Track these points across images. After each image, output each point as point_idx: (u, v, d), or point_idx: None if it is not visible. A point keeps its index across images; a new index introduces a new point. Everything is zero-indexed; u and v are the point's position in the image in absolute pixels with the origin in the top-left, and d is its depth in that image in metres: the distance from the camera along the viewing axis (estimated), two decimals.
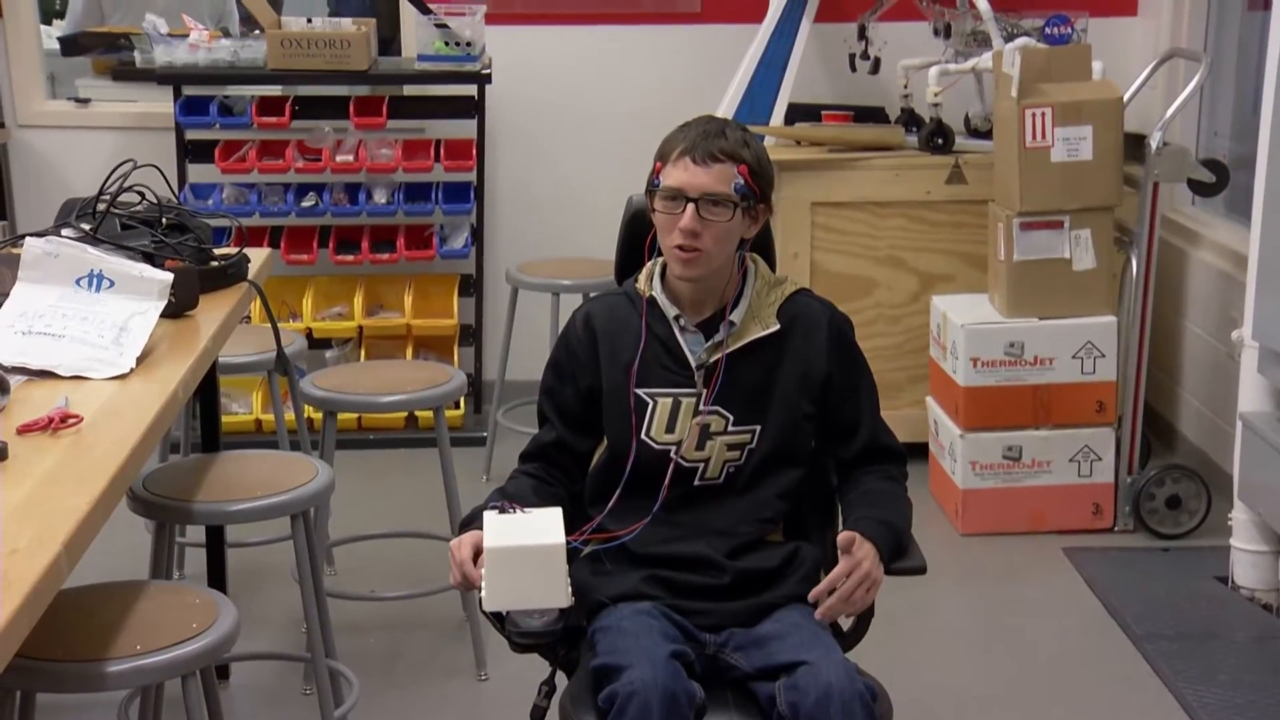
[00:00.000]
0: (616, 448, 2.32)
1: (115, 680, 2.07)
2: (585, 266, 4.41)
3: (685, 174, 2.24)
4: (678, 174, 2.25)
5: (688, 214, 2.23)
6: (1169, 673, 3.33)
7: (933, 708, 3.23)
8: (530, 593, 2.05)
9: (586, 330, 2.38)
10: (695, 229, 2.23)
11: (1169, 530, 4.06)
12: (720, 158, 2.24)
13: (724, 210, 2.24)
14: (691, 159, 2.24)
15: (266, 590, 3.71)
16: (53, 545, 1.71)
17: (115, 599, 2.27)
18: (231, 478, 2.80)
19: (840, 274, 4.40)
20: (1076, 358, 4.03)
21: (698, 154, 2.24)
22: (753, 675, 2.20)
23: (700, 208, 2.23)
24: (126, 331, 2.40)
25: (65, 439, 2.05)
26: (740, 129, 2.31)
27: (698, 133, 2.27)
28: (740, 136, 2.28)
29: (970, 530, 4.09)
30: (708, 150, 2.24)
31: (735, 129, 2.29)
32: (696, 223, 2.23)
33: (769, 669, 2.17)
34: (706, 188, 2.24)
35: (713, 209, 2.24)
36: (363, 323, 4.86)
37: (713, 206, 2.24)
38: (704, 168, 2.24)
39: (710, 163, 2.24)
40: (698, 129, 2.28)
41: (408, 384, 3.41)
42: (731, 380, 2.31)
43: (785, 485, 2.33)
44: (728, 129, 2.28)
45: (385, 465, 4.49)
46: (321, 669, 2.83)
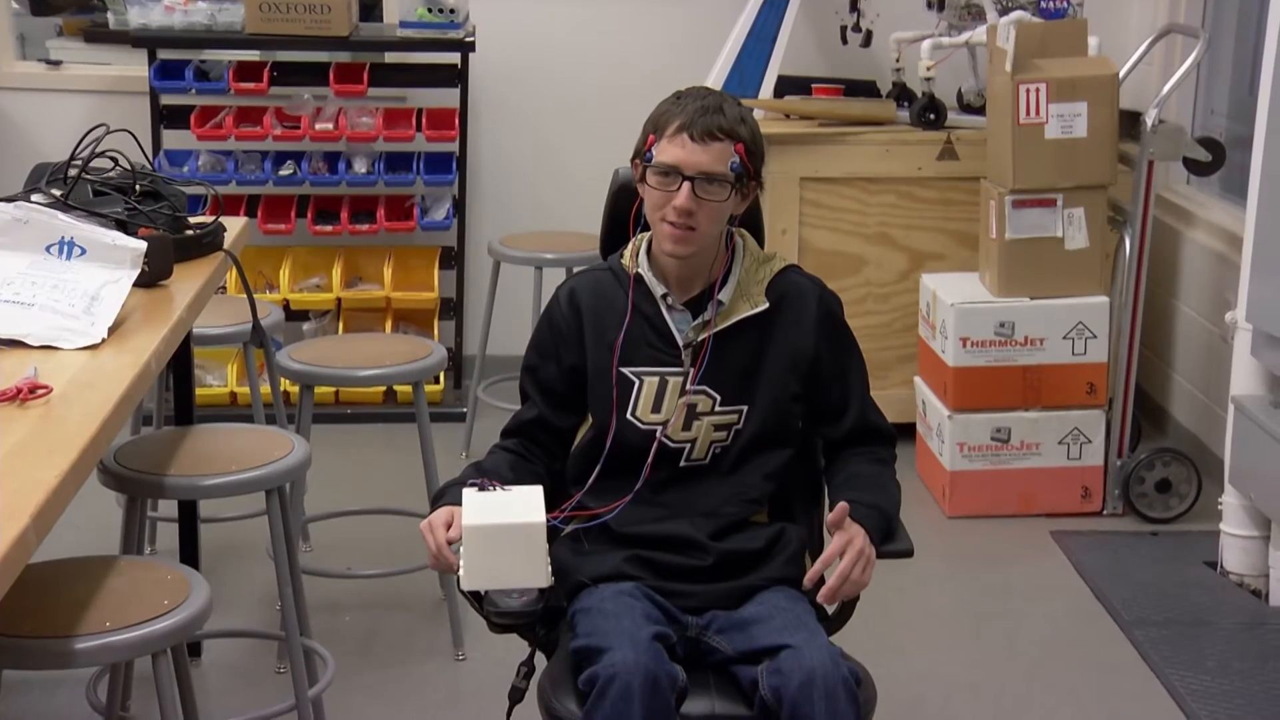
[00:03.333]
0: (601, 427, 2.28)
1: (84, 657, 2.03)
2: (569, 240, 4.34)
3: (682, 151, 2.19)
4: (674, 150, 2.19)
5: (683, 193, 2.18)
6: (1157, 659, 3.30)
7: (919, 692, 3.19)
8: (509, 572, 2.01)
9: (571, 307, 2.33)
10: (691, 208, 2.19)
11: (1158, 514, 4.03)
12: (719, 136, 2.19)
13: (720, 190, 2.20)
14: (689, 136, 2.19)
15: (240, 567, 3.64)
16: (20, 518, 1.67)
17: (85, 574, 2.22)
18: (205, 451, 2.73)
19: (829, 251, 4.35)
20: (1067, 338, 3.98)
21: (696, 131, 2.18)
22: (735, 658, 2.17)
23: (696, 187, 2.19)
24: (98, 301, 2.34)
25: (34, 410, 2.00)
26: (736, 104, 2.25)
27: (695, 108, 2.20)
28: (737, 113, 2.23)
29: (957, 513, 4.05)
30: (706, 128, 2.18)
31: (732, 104, 2.24)
32: (692, 202, 2.18)
33: (752, 652, 2.14)
34: (704, 167, 2.19)
35: (709, 188, 2.19)
36: (341, 295, 4.78)
37: (709, 186, 2.19)
38: (702, 146, 2.18)
39: (708, 141, 2.18)
40: (695, 103, 2.21)
41: (386, 358, 3.35)
42: (719, 359, 2.26)
43: (772, 466, 2.29)
44: (725, 105, 2.22)
45: (363, 440, 4.42)
46: (296, 647, 2.77)
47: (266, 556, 3.33)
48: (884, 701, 3.06)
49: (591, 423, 2.32)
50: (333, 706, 3.00)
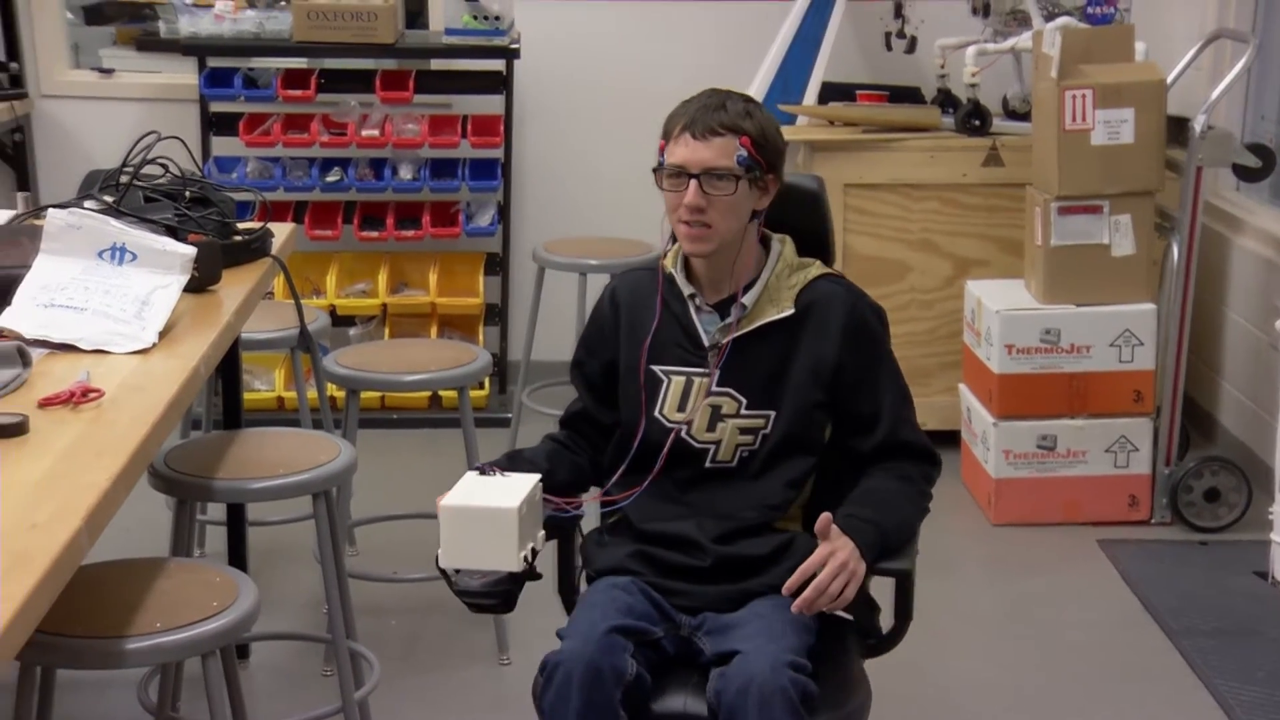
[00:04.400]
0: (629, 423, 2.31)
1: (135, 658, 2.05)
2: (613, 246, 4.35)
3: (686, 150, 2.21)
4: (679, 150, 2.22)
5: (691, 190, 2.20)
6: (1205, 669, 3.27)
7: (961, 701, 3.18)
8: (482, 553, 2.05)
9: (611, 305, 2.38)
10: (699, 204, 2.20)
11: (1207, 523, 3.99)
12: (720, 131, 2.20)
13: (727, 184, 2.21)
14: (691, 134, 2.21)
15: (287, 570, 3.67)
16: (73, 520, 1.69)
17: (135, 576, 2.24)
18: (253, 455, 2.76)
19: (872, 257, 4.33)
20: (1114, 346, 3.95)
21: (697, 129, 2.21)
22: (713, 661, 2.18)
23: (703, 183, 2.20)
24: (149, 305, 2.37)
25: (86, 413, 2.03)
26: (743, 100, 2.26)
27: (697, 107, 2.24)
28: (741, 108, 2.24)
29: (1002, 520, 4.02)
30: (707, 124, 2.21)
31: (737, 100, 2.25)
32: (700, 198, 2.20)
33: (720, 656, 2.16)
34: (708, 162, 2.20)
35: (716, 183, 2.20)
36: (387, 300, 4.81)
37: (716, 181, 2.20)
38: (704, 142, 2.20)
39: (710, 136, 2.20)
40: (698, 103, 2.24)
41: (432, 363, 3.37)
42: (746, 364, 2.27)
43: (794, 474, 2.28)
44: (728, 101, 2.24)
45: (408, 445, 4.45)
46: (342, 650, 2.79)
47: (313, 560, 3.35)
48: (926, 709, 3.07)
49: (622, 418, 2.34)
50: (378, 709, 3.01)
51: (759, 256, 2.31)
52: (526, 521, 2.05)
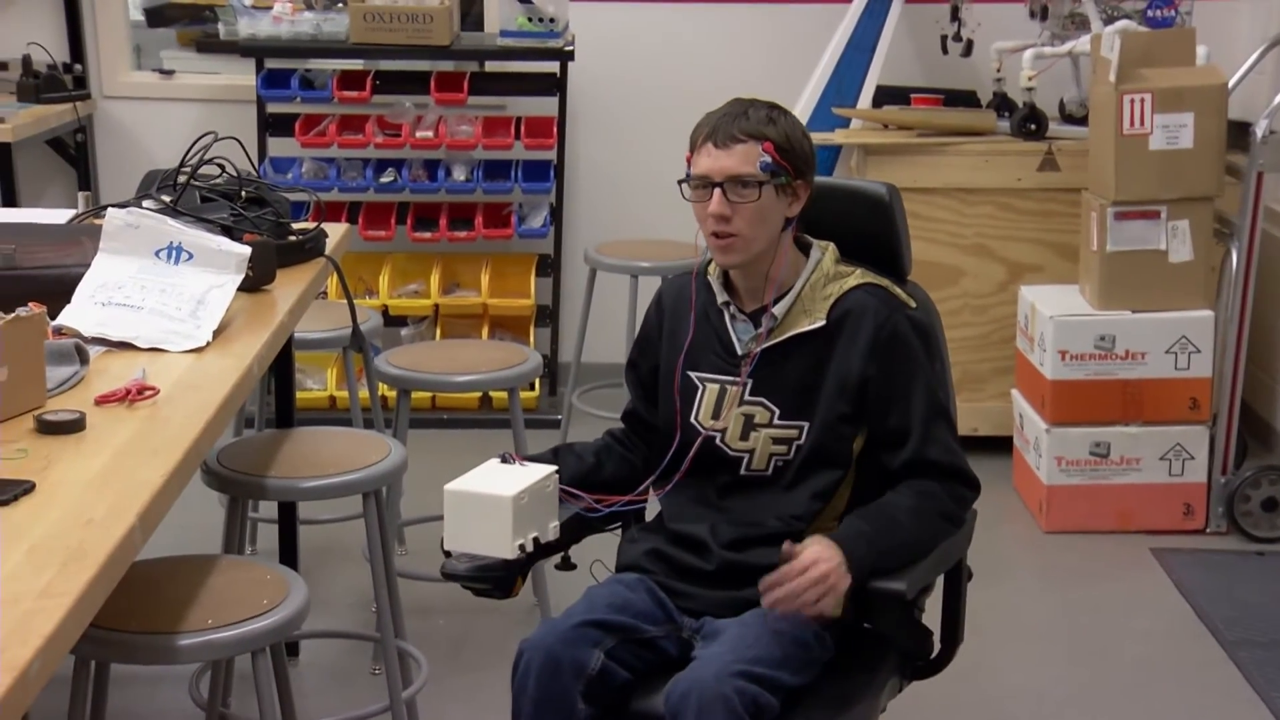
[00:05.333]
0: (667, 426, 2.31)
1: (187, 654, 2.07)
2: (664, 249, 4.34)
3: (709, 159, 2.20)
4: (703, 160, 2.21)
5: (715, 199, 2.19)
6: (1261, 681, 3.22)
7: (1011, 711, 3.15)
8: (481, 539, 2.08)
9: (658, 309, 2.40)
10: (724, 213, 2.19)
11: (1264, 534, 3.93)
12: (741, 138, 2.19)
13: (751, 191, 2.19)
14: (714, 143, 2.20)
15: (337, 569, 3.69)
16: (128, 517, 1.71)
17: (188, 573, 2.26)
18: (305, 454, 2.78)
19: (926, 262, 4.28)
20: (1170, 352, 3.91)
21: (719, 137, 2.20)
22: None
23: (728, 191, 2.19)
24: (204, 304, 2.39)
25: (142, 411, 2.05)
26: (767, 107, 2.24)
27: (720, 116, 2.23)
28: (764, 115, 2.22)
29: (1054, 528, 3.99)
30: (729, 132, 2.19)
31: (760, 108, 2.23)
32: (725, 207, 2.19)
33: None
34: (730, 170, 2.19)
35: (740, 191, 2.19)
36: (439, 301, 4.83)
37: (740, 189, 2.19)
38: (726, 150, 2.19)
39: (732, 144, 2.19)
40: (721, 112, 2.24)
41: (483, 364, 3.38)
42: (778, 374, 2.26)
43: (821, 486, 2.25)
44: (751, 109, 2.22)
45: (459, 446, 4.45)
46: (391, 649, 2.80)
47: (363, 559, 3.37)
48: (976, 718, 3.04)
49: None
50: (426, 709, 3.03)
51: (796, 264, 2.29)
52: (527, 511, 2.07)
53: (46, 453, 1.88)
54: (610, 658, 2.13)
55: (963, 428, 2.33)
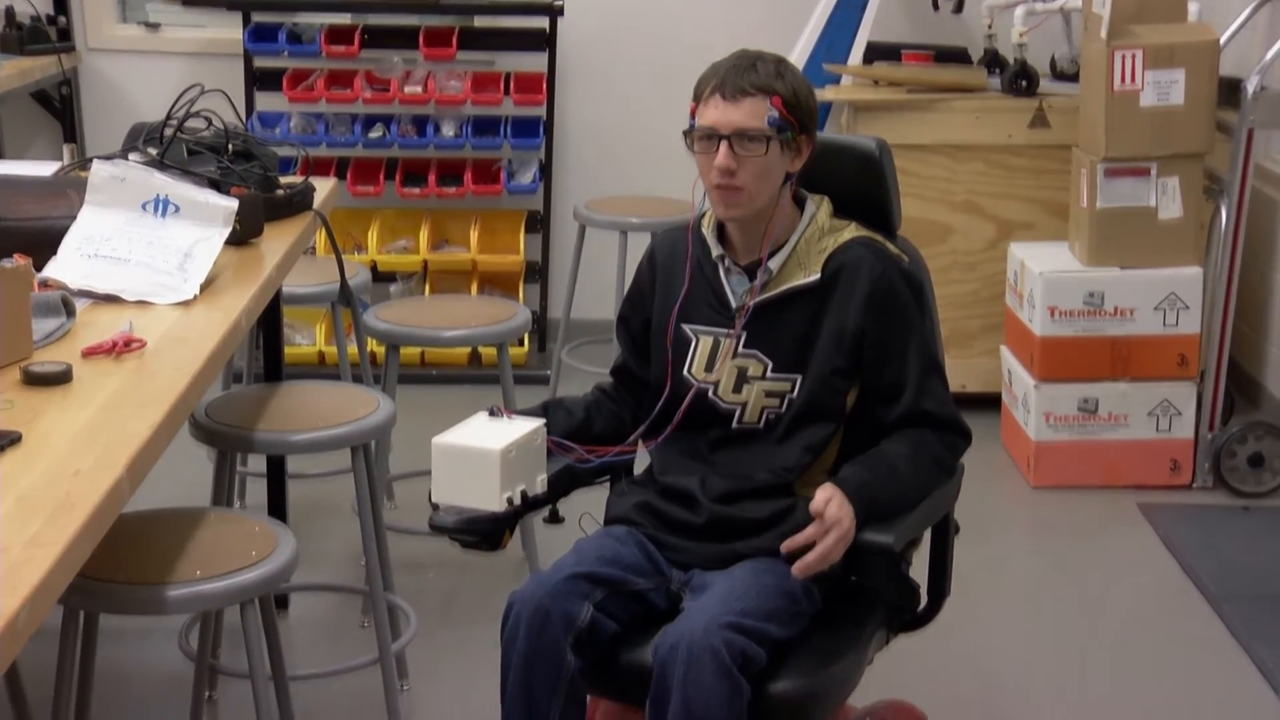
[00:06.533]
0: (658, 380, 2.31)
1: (175, 604, 2.08)
2: (654, 205, 4.33)
3: (716, 112, 2.19)
4: (709, 112, 2.20)
5: (721, 152, 2.18)
6: (1246, 635, 3.25)
7: (997, 664, 3.17)
8: (468, 492, 2.08)
9: (650, 263, 2.39)
10: (730, 167, 2.18)
11: (1250, 489, 3.95)
12: (750, 91, 2.18)
13: (758, 145, 2.18)
14: (721, 95, 2.19)
15: (327, 524, 3.70)
16: (115, 468, 1.71)
17: (176, 525, 2.27)
18: (293, 408, 2.77)
19: (916, 219, 4.28)
20: (1159, 309, 3.91)
21: (727, 90, 2.18)
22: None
23: (734, 144, 2.18)
24: (191, 258, 2.38)
25: (129, 363, 2.05)
26: (774, 60, 2.23)
27: (728, 68, 2.21)
28: (773, 68, 2.21)
29: (1042, 483, 4.00)
30: (737, 85, 2.18)
31: (768, 61, 2.22)
32: (731, 160, 2.18)
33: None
34: (738, 124, 2.18)
35: (747, 145, 2.18)
36: (428, 257, 4.82)
37: (747, 142, 2.18)
38: (734, 103, 2.18)
39: (740, 98, 2.18)
40: (728, 64, 2.22)
41: (472, 319, 3.38)
42: (774, 327, 2.26)
43: (813, 439, 2.26)
44: (759, 62, 2.21)
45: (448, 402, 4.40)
46: (380, 601, 2.81)
47: (352, 514, 3.37)
48: (963, 674, 3.06)
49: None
50: (415, 662, 3.04)
51: (793, 218, 2.29)
52: (515, 465, 2.07)
53: (33, 404, 1.87)
54: (599, 610, 2.14)
55: (952, 384, 2.34)
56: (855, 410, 2.29)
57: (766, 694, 2.07)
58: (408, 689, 2.99)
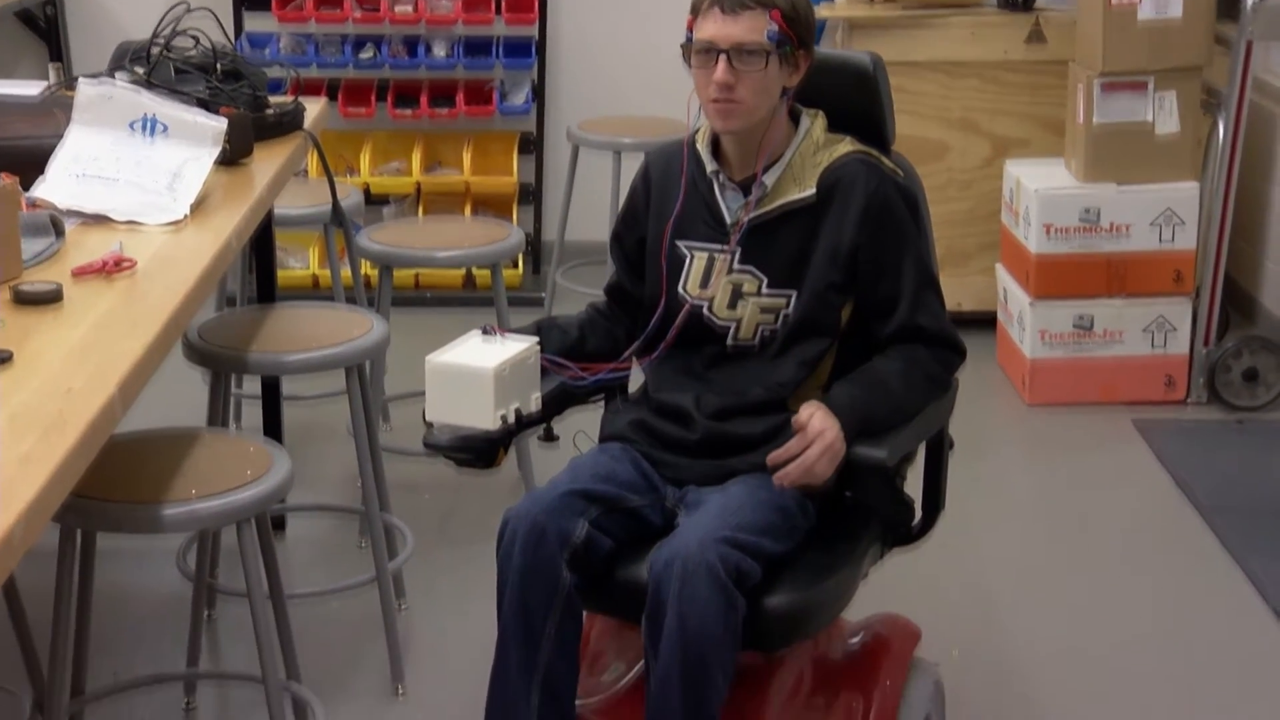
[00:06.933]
0: (653, 297, 2.30)
1: (171, 523, 2.08)
2: (648, 125, 4.30)
3: (715, 26, 2.16)
4: (708, 26, 2.17)
5: (720, 67, 2.16)
6: (1238, 548, 3.27)
7: (992, 579, 3.19)
8: (461, 411, 2.09)
9: (644, 180, 2.37)
10: (729, 81, 2.16)
11: (1245, 403, 3.96)
12: (749, 5, 2.15)
13: (757, 60, 2.16)
14: (720, 9, 2.16)
15: (323, 446, 3.70)
16: (107, 386, 1.71)
17: (171, 446, 2.27)
18: (287, 329, 2.77)
19: (911, 137, 4.24)
20: (1155, 225, 3.90)
21: (726, 4, 2.16)
22: None
23: (733, 59, 2.15)
24: (180, 178, 2.37)
25: (120, 283, 2.04)
26: None
27: None
28: None
29: (1037, 401, 4.01)
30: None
31: None
32: (730, 75, 2.15)
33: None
34: (737, 38, 2.15)
35: (746, 60, 2.16)
36: (421, 180, 4.79)
37: (745, 57, 2.16)
38: (733, 17, 2.15)
39: (740, 11, 2.15)
40: None
41: (465, 240, 3.37)
42: (769, 243, 2.24)
43: (808, 355, 2.26)
44: None
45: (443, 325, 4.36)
46: (375, 520, 2.82)
47: (348, 436, 3.37)
48: (958, 592, 3.09)
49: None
50: (412, 581, 3.06)
51: (788, 133, 2.27)
52: (509, 384, 2.07)
53: (23, 324, 1.87)
54: (595, 527, 2.14)
55: (947, 303, 2.32)
56: (850, 326, 2.29)
57: (761, 608, 2.08)
58: (405, 608, 3.01)
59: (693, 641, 2.00)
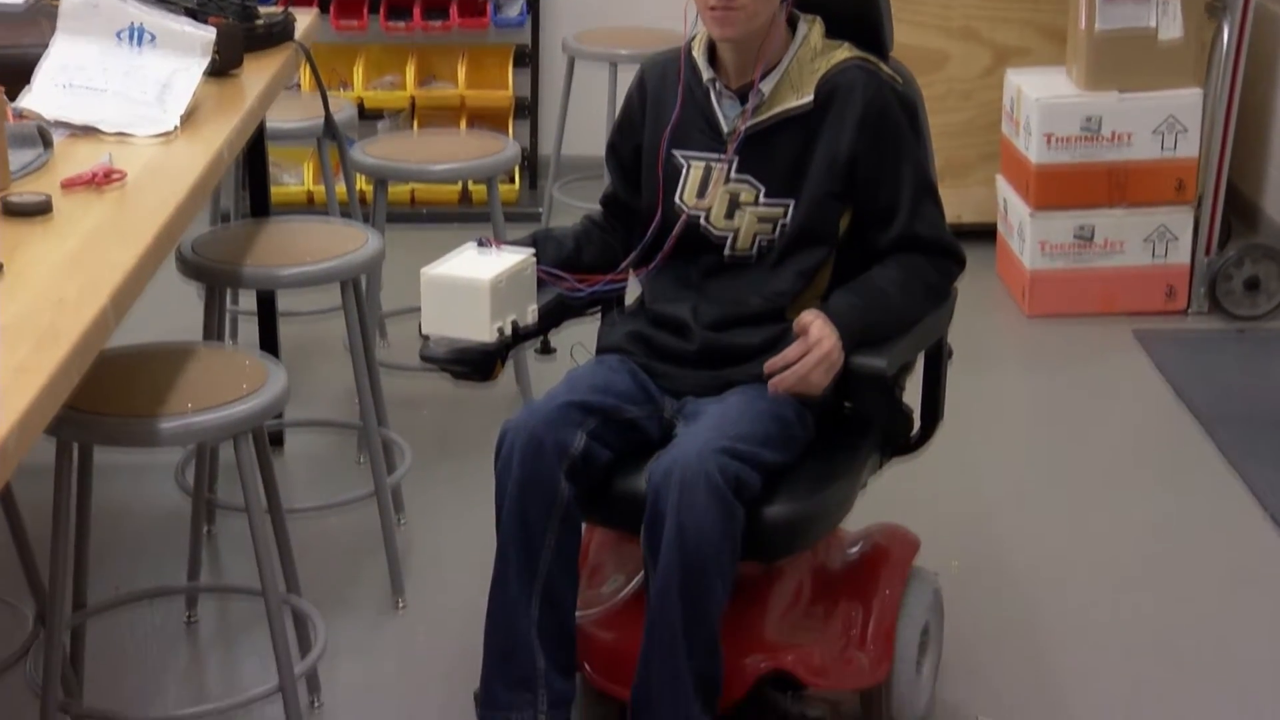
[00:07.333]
0: (650, 207, 2.28)
1: (167, 436, 2.07)
2: (644, 36, 4.24)
3: None
4: None
5: None
6: (1237, 456, 3.27)
7: (991, 491, 3.19)
8: (458, 323, 2.08)
9: (640, 89, 2.34)
10: None
11: (1245, 312, 3.94)
12: None
13: None
14: None
15: (320, 363, 3.69)
16: (99, 297, 1.70)
17: (166, 360, 2.25)
18: (281, 244, 2.75)
19: (910, 46, 4.18)
20: (1157, 133, 3.86)
21: None
22: None
23: None
24: (169, 89, 2.35)
25: (110, 195, 2.02)
26: None
27: None
28: None
29: (1037, 313, 3.99)
30: None
31: None
32: None
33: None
34: None
35: None
36: (415, 94, 4.74)
37: None
38: None
39: None
40: None
41: (461, 153, 3.34)
42: (766, 151, 2.22)
43: (807, 264, 2.24)
44: None
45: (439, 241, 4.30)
46: (374, 435, 2.81)
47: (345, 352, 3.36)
48: (955, 503, 3.09)
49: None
50: (411, 495, 3.06)
51: (785, 40, 2.24)
52: (505, 296, 2.06)
53: (13, 236, 1.85)
54: (593, 438, 2.14)
55: (947, 215, 2.31)
56: (848, 235, 2.27)
57: (760, 518, 2.08)
58: (404, 523, 3.02)
59: (692, 551, 2.01)
